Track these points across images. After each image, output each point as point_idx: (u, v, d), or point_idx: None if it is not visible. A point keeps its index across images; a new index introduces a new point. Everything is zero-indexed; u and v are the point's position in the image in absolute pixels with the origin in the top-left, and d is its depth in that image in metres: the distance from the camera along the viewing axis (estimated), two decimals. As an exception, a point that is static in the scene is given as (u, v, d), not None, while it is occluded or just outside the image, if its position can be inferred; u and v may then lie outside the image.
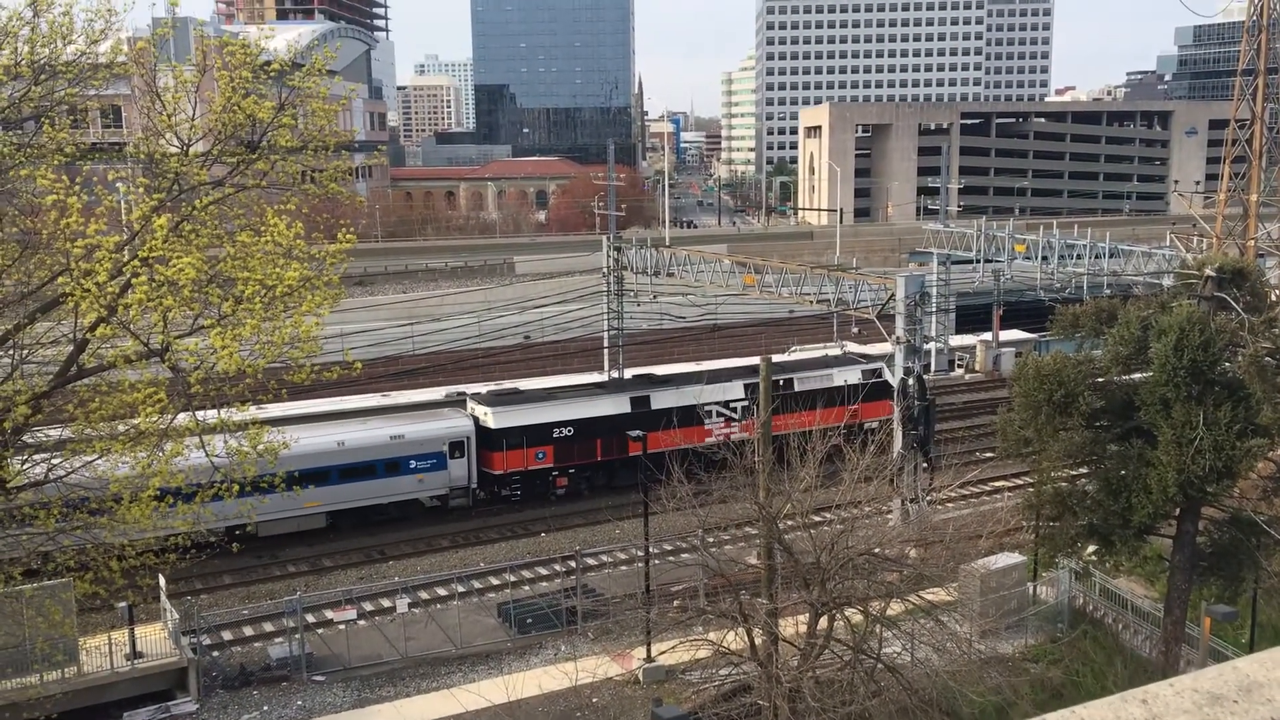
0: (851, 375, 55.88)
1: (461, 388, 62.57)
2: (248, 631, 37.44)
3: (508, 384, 59.79)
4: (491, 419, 49.05)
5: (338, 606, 38.00)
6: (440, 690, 33.16)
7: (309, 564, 44.04)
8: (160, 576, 31.49)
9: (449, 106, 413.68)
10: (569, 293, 72.64)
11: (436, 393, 61.36)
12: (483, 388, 62.62)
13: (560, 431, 49.97)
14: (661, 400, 51.08)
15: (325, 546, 45.47)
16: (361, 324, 70.45)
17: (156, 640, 33.09)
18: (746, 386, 53.09)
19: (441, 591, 40.01)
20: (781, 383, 53.99)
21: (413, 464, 47.23)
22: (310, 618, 36.67)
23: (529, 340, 79.51)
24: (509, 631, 36.70)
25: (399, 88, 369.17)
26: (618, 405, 51.19)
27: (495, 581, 41.10)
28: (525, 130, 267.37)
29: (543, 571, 42.38)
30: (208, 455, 20.96)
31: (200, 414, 21.83)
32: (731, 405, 52.82)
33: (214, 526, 38.97)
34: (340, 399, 57.02)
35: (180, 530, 33.24)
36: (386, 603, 38.86)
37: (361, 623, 37.59)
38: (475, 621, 37.37)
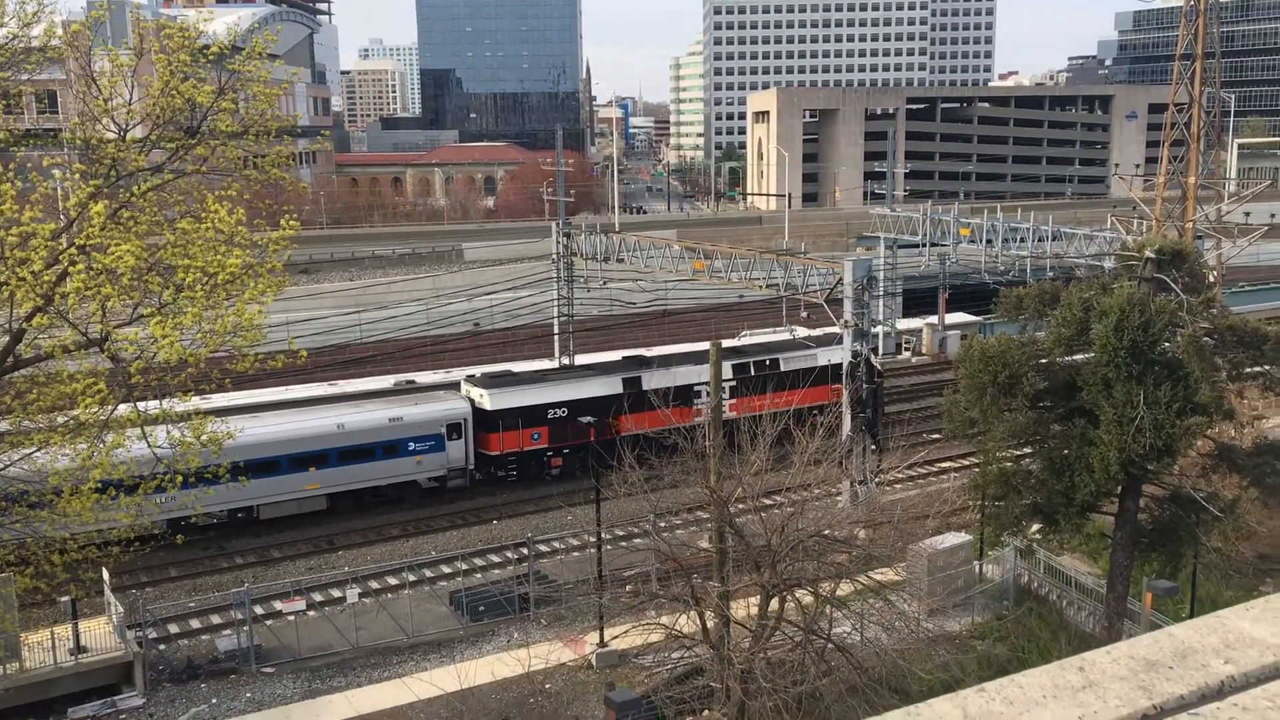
0: (835, 355, 56.79)
1: (411, 376, 62.16)
2: (195, 624, 36.94)
3: (456, 370, 59.42)
4: (488, 401, 49.57)
5: (287, 597, 37.60)
6: (392, 680, 32.97)
7: (257, 555, 43.54)
8: (104, 570, 31.03)
9: (394, 91, 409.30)
10: (519, 279, 72.29)
11: (385, 381, 60.90)
12: (432, 376, 62.31)
13: (554, 412, 50.63)
14: (652, 381, 51.81)
15: (274, 537, 45.01)
16: (307, 312, 69.60)
17: (101, 634, 32.57)
18: (734, 367, 54.67)
19: (392, 581, 39.78)
20: (769, 362, 55.33)
21: (411, 446, 47.68)
22: (259, 609, 36.26)
23: (478, 327, 79.10)
24: (461, 619, 36.57)
25: (343, 72, 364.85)
26: (610, 386, 51.79)
27: (447, 570, 40.93)
28: (472, 115, 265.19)
29: (495, 559, 42.27)
30: (149, 446, 20.60)
31: (155, 404, 21.49)
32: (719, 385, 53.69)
33: (213, 509, 41.98)
34: (285, 389, 56.43)
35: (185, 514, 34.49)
36: (336, 593, 38.52)
37: (311, 613, 37.24)
38: (427, 610, 37.19)
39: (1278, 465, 31.28)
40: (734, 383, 53.90)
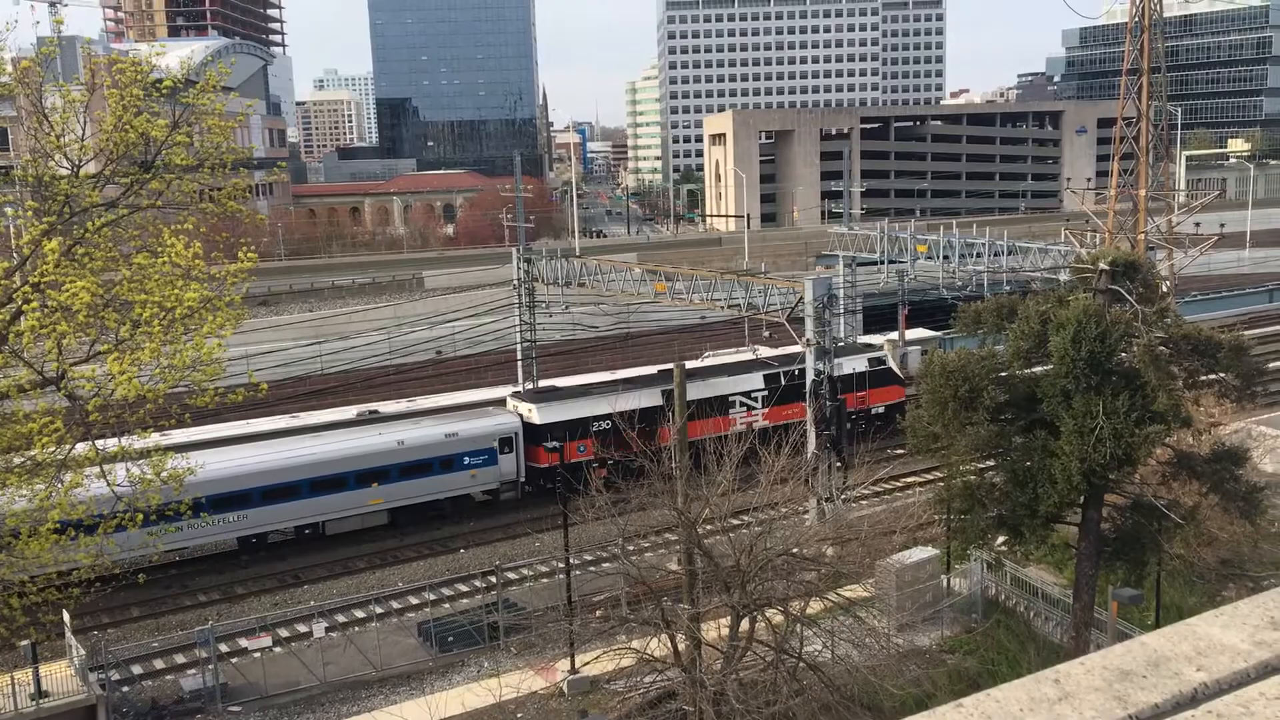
0: (859, 364, 57.80)
1: (374, 406, 61.71)
2: (159, 664, 36.34)
3: (420, 399, 59.07)
4: (536, 415, 51.21)
5: (252, 634, 37.08)
6: (361, 714, 32.58)
7: (220, 592, 42.94)
8: (64, 612, 30.46)
9: (350, 121, 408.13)
10: (480, 306, 72.09)
11: (348, 411, 60.44)
12: (396, 405, 61.89)
13: (599, 425, 51.43)
14: (690, 393, 52.31)
15: (238, 574, 44.42)
16: (267, 344, 69.00)
17: (62, 678, 31.87)
18: (765, 378, 56.59)
19: (359, 614, 39.35)
20: (798, 373, 56.49)
21: (466, 460, 49.45)
22: (224, 647, 35.75)
23: (441, 356, 78.73)
24: (430, 650, 36.22)
25: (298, 103, 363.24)
26: (651, 398, 52.44)
27: (414, 601, 40.55)
28: (430, 144, 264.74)
29: (462, 588, 41.94)
30: (109, 484, 20.30)
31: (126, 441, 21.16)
32: (753, 395, 55.87)
33: (282, 527, 45.35)
34: (247, 422, 55.86)
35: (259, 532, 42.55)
36: (303, 628, 38.05)
37: (278, 649, 36.73)
38: (395, 642, 36.80)
39: (1235, 471, 31.64)
40: (765, 392, 55.84)
